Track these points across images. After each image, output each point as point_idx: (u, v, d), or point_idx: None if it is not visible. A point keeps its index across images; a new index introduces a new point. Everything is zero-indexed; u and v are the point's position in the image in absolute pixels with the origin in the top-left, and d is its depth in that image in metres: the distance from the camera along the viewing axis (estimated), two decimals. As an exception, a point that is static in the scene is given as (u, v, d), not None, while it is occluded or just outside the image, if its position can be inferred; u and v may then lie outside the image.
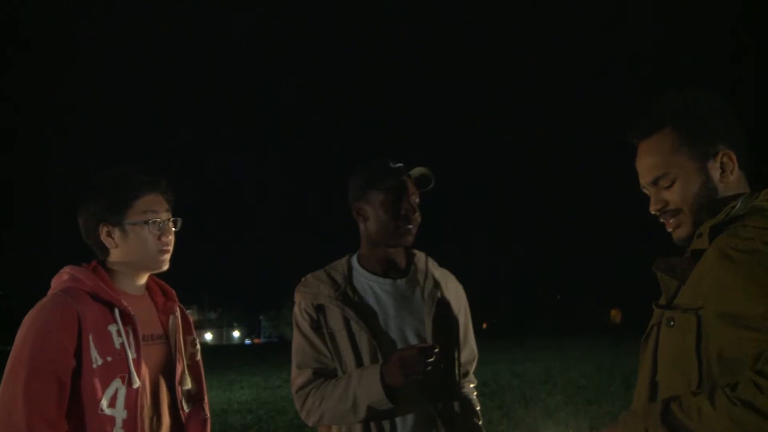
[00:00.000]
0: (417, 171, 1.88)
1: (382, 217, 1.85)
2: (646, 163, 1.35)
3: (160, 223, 1.71)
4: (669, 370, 1.24)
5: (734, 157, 1.29)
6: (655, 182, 1.34)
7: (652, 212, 1.37)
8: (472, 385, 2.06)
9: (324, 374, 1.83)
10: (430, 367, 1.67)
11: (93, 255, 1.75)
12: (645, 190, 1.39)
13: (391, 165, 1.87)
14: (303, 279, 1.94)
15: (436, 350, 1.68)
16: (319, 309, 1.85)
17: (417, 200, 1.88)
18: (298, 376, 1.85)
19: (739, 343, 1.11)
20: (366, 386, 1.71)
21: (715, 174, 1.30)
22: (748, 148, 1.33)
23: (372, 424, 1.76)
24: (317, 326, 1.84)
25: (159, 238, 1.70)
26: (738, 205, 1.24)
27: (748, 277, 1.12)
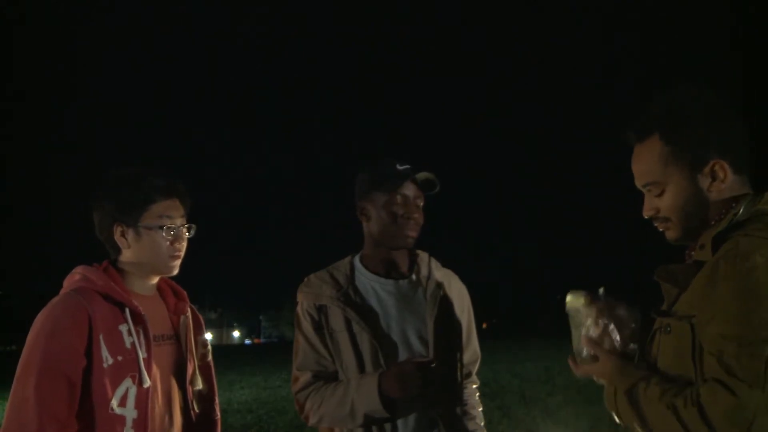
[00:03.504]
0: (422, 175, 1.88)
1: (384, 219, 1.85)
2: (637, 169, 1.36)
3: (174, 228, 1.71)
4: (668, 375, 1.25)
5: (726, 165, 1.26)
6: (645, 187, 1.35)
7: (645, 217, 1.37)
8: (474, 386, 2.06)
9: (324, 377, 1.83)
10: (427, 382, 1.68)
11: (97, 255, 1.75)
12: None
13: (397, 167, 1.86)
14: (305, 279, 1.94)
15: (434, 365, 1.69)
16: (321, 309, 1.85)
17: (420, 203, 1.89)
18: (298, 378, 1.86)
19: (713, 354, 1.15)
20: (363, 394, 1.72)
21: (706, 184, 1.27)
22: (747, 149, 1.30)
23: (373, 426, 1.76)
24: (319, 327, 1.84)
25: (172, 244, 1.71)
26: (741, 211, 1.23)
27: (730, 294, 1.13)
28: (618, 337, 1.33)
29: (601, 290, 1.36)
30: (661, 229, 1.37)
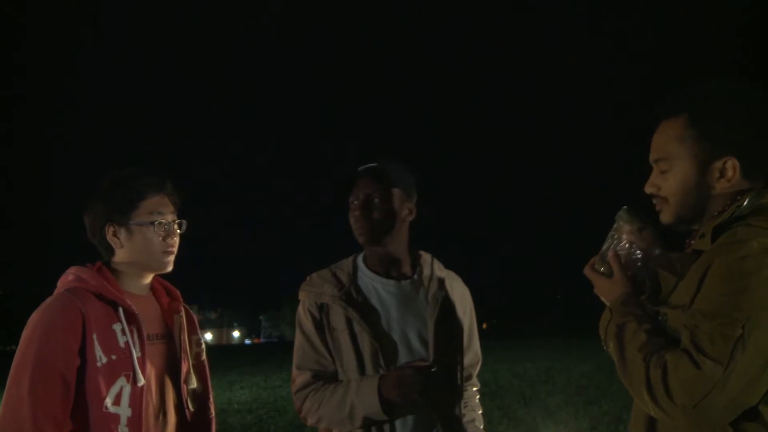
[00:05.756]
0: (368, 169, 1.85)
1: (352, 220, 1.86)
2: (655, 142, 1.35)
3: (165, 224, 1.72)
4: (660, 328, 1.26)
5: (738, 166, 1.25)
6: (656, 162, 1.34)
7: (645, 191, 1.37)
8: (474, 389, 2.06)
9: (323, 377, 1.83)
10: (427, 387, 1.67)
11: (95, 255, 1.76)
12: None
13: (360, 167, 1.87)
14: (308, 278, 1.93)
15: (434, 369, 1.69)
16: (323, 308, 1.84)
17: (373, 199, 1.82)
18: (298, 377, 1.85)
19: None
20: (363, 397, 1.71)
21: (712, 177, 1.27)
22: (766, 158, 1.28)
23: (372, 428, 1.76)
24: (320, 326, 1.84)
25: (164, 240, 1.71)
26: (744, 204, 1.23)
27: (718, 276, 1.15)
28: (639, 270, 1.35)
29: (652, 231, 1.38)
30: (657, 209, 1.37)
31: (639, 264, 1.35)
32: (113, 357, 1.59)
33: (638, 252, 1.36)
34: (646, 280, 1.35)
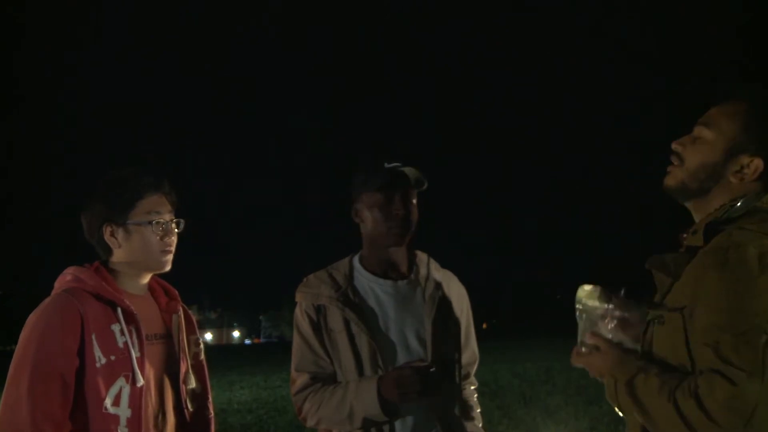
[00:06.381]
0: (407, 171, 1.85)
1: (374, 219, 1.84)
2: (711, 110, 1.35)
3: (163, 224, 1.72)
4: (665, 365, 1.25)
5: (760, 169, 1.26)
6: (698, 124, 1.34)
7: (672, 147, 1.37)
8: (473, 387, 2.06)
9: (322, 378, 1.83)
10: (426, 387, 1.67)
11: (94, 256, 1.75)
12: None
13: (386, 165, 1.85)
14: (305, 279, 1.93)
15: (432, 369, 1.69)
16: (320, 310, 1.84)
17: (411, 200, 1.85)
18: (297, 379, 1.86)
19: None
20: (362, 398, 1.72)
21: (732, 167, 1.28)
22: None
23: (371, 428, 1.76)
24: (317, 328, 1.84)
25: (162, 239, 1.71)
26: (739, 204, 1.24)
27: (722, 284, 1.14)
28: (623, 338, 1.33)
29: (622, 291, 1.37)
30: (668, 169, 1.37)
31: (620, 334, 1.33)
32: (112, 357, 1.59)
33: (615, 323, 1.34)
34: (634, 344, 1.33)
